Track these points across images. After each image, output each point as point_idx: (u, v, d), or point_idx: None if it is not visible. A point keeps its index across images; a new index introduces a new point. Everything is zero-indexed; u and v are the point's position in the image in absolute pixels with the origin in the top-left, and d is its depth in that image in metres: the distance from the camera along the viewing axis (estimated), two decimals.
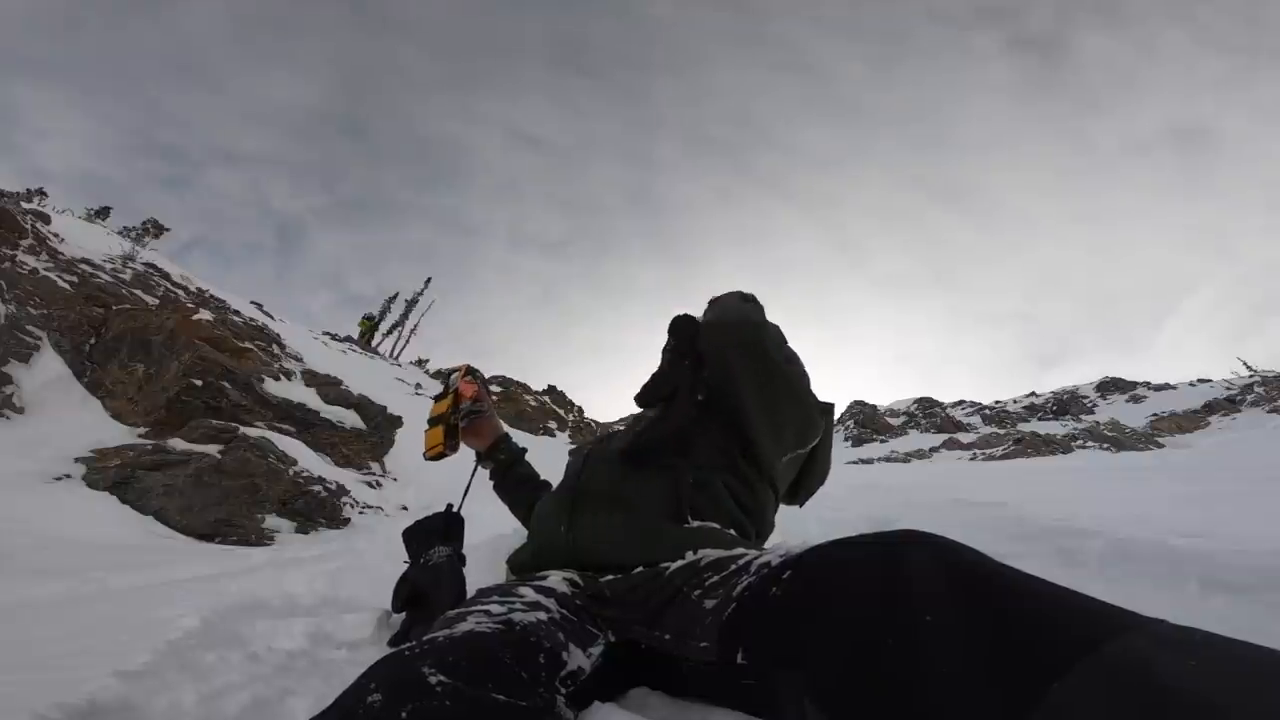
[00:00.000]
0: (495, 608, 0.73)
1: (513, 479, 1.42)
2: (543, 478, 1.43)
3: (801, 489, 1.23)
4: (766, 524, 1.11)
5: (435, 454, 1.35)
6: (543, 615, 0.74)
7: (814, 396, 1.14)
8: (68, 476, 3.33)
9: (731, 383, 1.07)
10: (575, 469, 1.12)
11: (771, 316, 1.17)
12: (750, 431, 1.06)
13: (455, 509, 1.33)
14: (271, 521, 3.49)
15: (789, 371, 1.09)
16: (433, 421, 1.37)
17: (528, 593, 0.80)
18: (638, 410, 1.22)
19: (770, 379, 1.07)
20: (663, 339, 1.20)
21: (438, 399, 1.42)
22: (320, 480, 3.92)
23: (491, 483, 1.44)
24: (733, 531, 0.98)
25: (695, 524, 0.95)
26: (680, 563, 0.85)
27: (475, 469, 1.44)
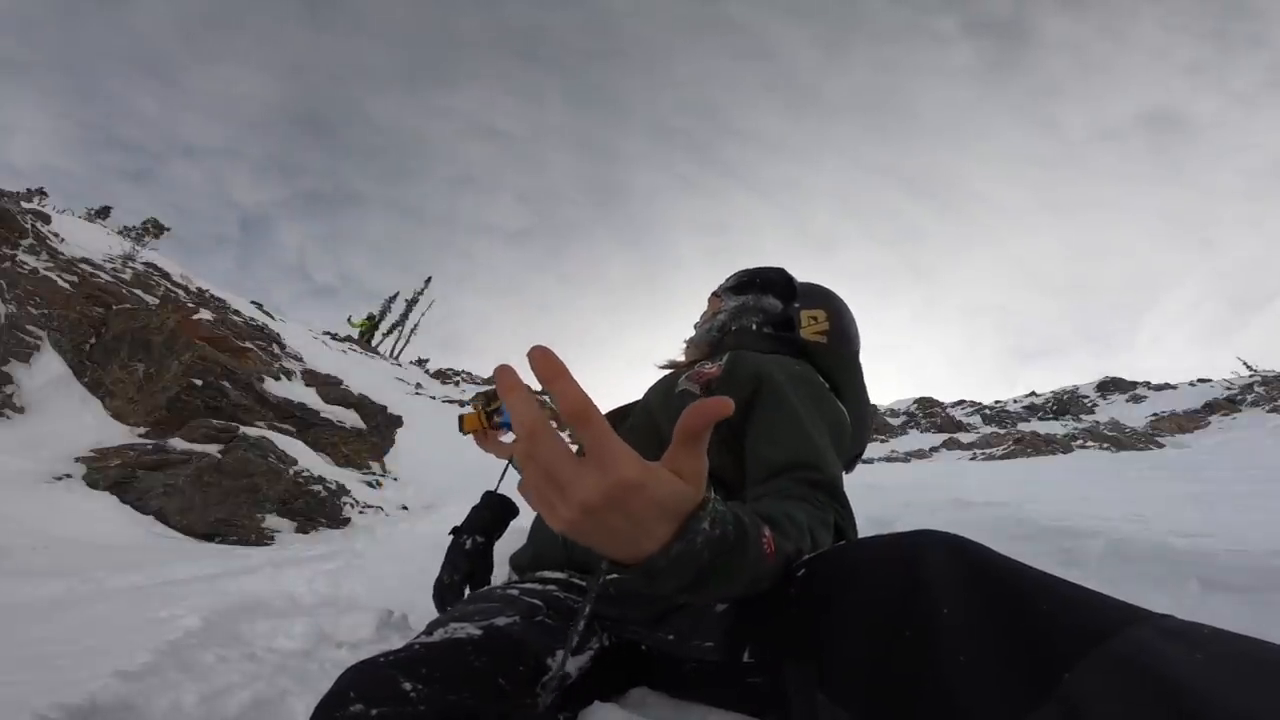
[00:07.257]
0: (479, 613, 0.73)
1: None
2: None
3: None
4: None
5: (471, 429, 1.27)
6: (530, 619, 0.73)
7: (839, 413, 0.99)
8: (68, 476, 3.33)
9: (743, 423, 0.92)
10: None
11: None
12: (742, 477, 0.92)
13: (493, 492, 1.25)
14: (271, 521, 3.49)
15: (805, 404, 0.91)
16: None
17: (516, 596, 0.80)
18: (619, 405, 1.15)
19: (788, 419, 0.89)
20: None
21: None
22: (320, 480, 3.92)
23: None
24: None
25: None
26: None
27: (510, 460, 1.31)
